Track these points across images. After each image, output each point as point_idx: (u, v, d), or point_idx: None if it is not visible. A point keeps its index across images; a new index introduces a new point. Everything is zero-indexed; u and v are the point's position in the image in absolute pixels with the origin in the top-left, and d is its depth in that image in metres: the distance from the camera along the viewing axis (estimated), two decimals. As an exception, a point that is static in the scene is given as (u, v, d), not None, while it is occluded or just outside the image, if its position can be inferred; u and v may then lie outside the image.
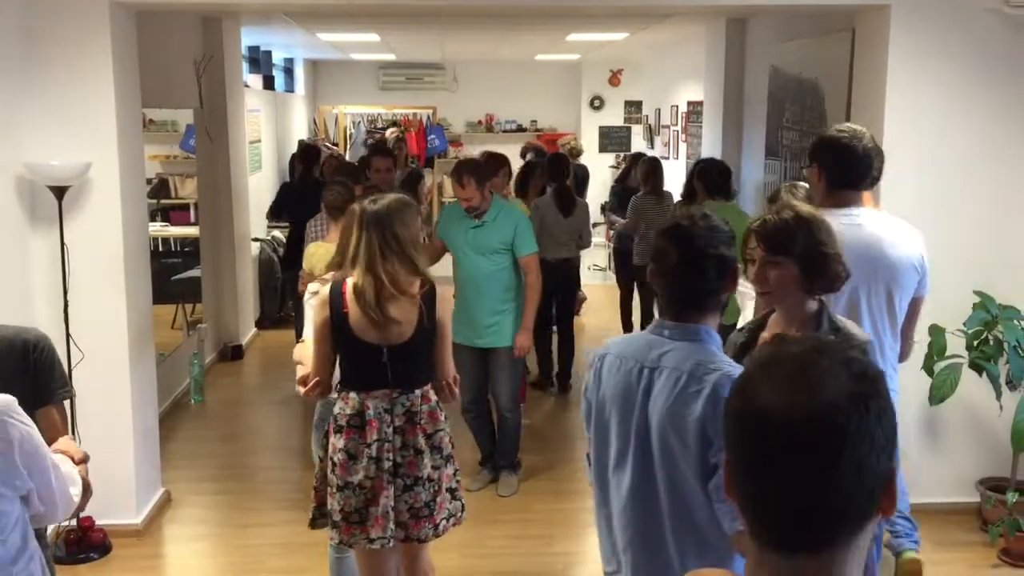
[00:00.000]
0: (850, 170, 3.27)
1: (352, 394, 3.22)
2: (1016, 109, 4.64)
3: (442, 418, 3.31)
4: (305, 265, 4.64)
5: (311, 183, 7.59)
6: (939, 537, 4.56)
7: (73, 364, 4.40)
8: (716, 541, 2.12)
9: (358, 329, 3.15)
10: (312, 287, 3.62)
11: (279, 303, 9.04)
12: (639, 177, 7.66)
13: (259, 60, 10.45)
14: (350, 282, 3.17)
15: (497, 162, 6.42)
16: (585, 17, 7.85)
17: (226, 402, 6.96)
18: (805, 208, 2.51)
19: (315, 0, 5.54)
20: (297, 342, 4.11)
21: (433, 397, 3.30)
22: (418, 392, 3.25)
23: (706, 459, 2.06)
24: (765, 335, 2.47)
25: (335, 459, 3.21)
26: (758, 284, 2.46)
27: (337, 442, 3.22)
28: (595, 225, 10.15)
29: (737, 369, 2.10)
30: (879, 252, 3.22)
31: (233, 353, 7.89)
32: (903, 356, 3.46)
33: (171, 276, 7.82)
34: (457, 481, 3.36)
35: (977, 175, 4.69)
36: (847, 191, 3.27)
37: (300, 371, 3.48)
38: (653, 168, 7.50)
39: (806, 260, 2.40)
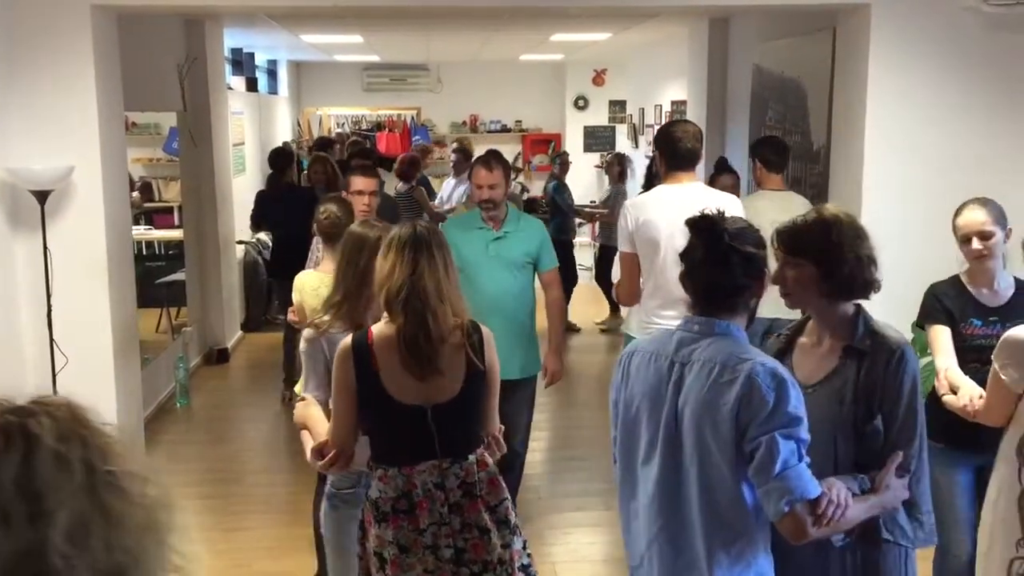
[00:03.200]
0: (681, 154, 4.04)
1: (392, 471, 2.64)
2: (995, 106, 4.69)
3: (503, 485, 2.76)
4: (295, 295, 4.03)
5: (284, 188, 7.58)
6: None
7: (57, 369, 4.39)
8: (743, 529, 2.16)
9: (395, 390, 2.59)
10: (307, 333, 3.08)
11: (264, 306, 9.02)
12: (613, 173, 9.06)
13: (242, 62, 10.42)
14: (377, 330, 2.63)
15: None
16: (568, 17, 7.87)
17: (212, 405, 6.94)
18: (831, 210, 2.45)
19: (297, 2, 5.54)
20: (296, 399, 3.33)
21: (490, 461, 2.74)
22: (472, 458, 2.69)
23: (740, 447, 2.09)
24: (803, 340, 2.44)
25: (385, 555, 2.63)
26: (778, 285, 2.43)
27: (383, 534, 2.63)
28: (580, 224, 10.28)
29: (770, 360, 2.16)
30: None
31: (218, 356, 7.86)
32: None
33: (155, 279, 7.80)
34: (528, 555, 2.82)
35: (958, 171, 4.73)
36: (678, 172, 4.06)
37: (308, 439, 2.92)
38: (620, 161, 9.00)
39: (822, 262, 2.33)
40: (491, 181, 4.23)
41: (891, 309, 4.62)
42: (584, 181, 13.05)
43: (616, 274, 4.30)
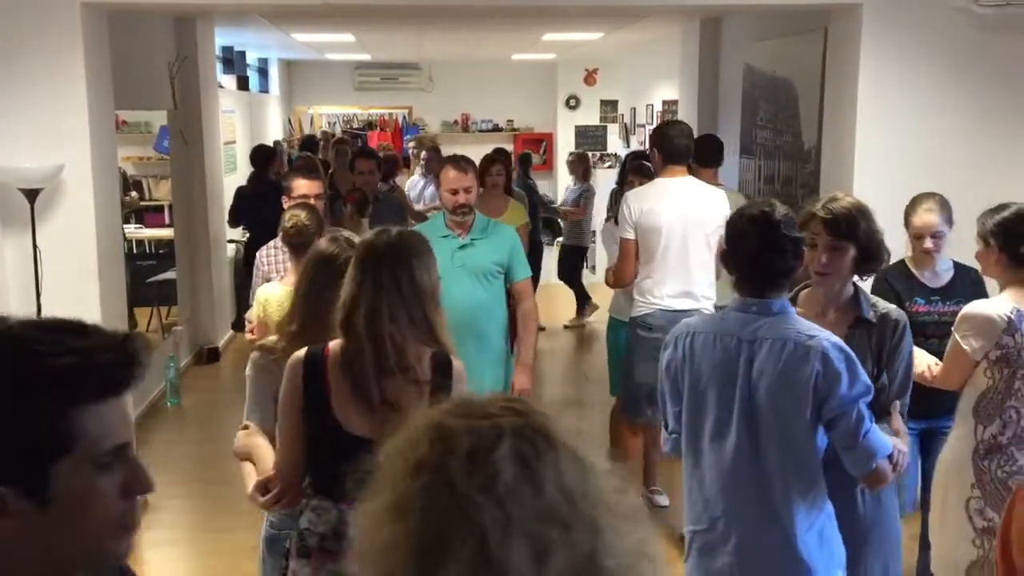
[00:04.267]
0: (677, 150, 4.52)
1: (327, 503, 2.36)
2: (985, 106, 4.71)
3: None
4: (256, 310, 3.67)
5: (265, 186, 7.55)
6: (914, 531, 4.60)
7: (47, 368, 4.37)
8: (814, 480, 2.47)
9: (342, 416, 2.32)
10: (255, 356, 2.75)
11: (255, 305, 8.98)
12: (578, 172, 9.45)
13: (233, 60, 10.40)
14: (334, 346, 2.36)
15: (488, 160, 6.37)
16: (560, 17, 7.87)
17: (202, 405, 6.91)
18: (853, 198, 2.81)
19: (288, 0, 5.53)
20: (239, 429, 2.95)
21: None
22: None
23: (818, 414, 2.39)
24: (798, 310, 2.68)
25: None
26: (819, 267, 2.72)
27: (300, 570, 2.37)
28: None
29: (832, 335, 2.45)
30: (699, 206, 4.42)
31: (209, 355, 7.84)
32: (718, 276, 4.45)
33: (146, 278, 7.77)
34: None
35: (947, 172, 4.74)
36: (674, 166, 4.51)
37: (250, 473, 2.69)
38: (583, 160, 9.57)
39: (865, 245, 2.69)
40: (466, 183, 4.00)
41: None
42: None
43: (600, 262, 4.50)
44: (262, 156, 8.11)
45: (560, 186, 11.47)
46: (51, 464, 0.98)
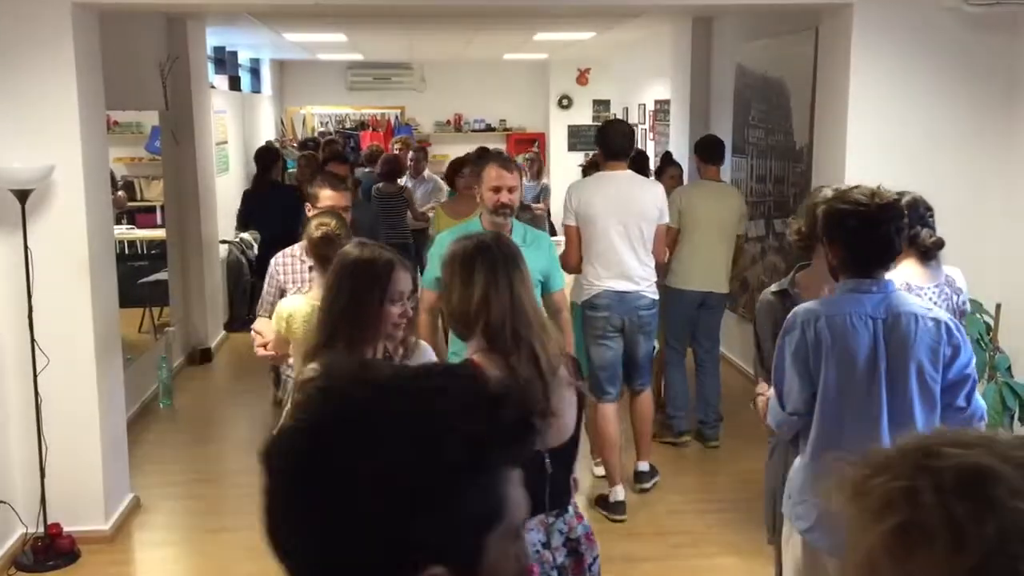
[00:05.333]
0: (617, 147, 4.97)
1: None
2: (974, 105, 4.72)
3: (596, 540, 2.47)
4: (277, 324, 3.50)
5: (267, 187, 7.55)
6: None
7: (38, 369, 4.35)
8: None
9: None
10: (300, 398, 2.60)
11: (248, 305, 8.98)
12: (533, 170, 9.96)
13: (225, 61, 10.37)
14: (480, 359, 2.21)
15: (461, 163, 6.39)
16: (552, 17, 7.87)
17: (195, 405, 6.91)
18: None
19: (279, 0, 5.52)
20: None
21: (584, 513, 2.47)
22: (571, 509, 2.35)
23: (947, 375, 2.65)
24: (797, 291, 3.04)
25: None
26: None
27: None
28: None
29: (945, 312, 2.79)
30: (634, 197, 4.88)
31: (202, 356, 7.83)
32: (657, 264, 5.03)
33: (138, 279, 7.74)
34: None
35: (937, 171, 4.75)
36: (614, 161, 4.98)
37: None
38: (537, 159, 10.32)
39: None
40: (511, 183, 3.78)
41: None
42: (569, 180, 13.03)
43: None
44: (267, 157, 8.11)
45: (554, 185, 11.46)
46: (487, 536, 0.89)
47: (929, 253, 3.33)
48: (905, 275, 3.30)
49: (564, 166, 13.54)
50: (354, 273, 2.44)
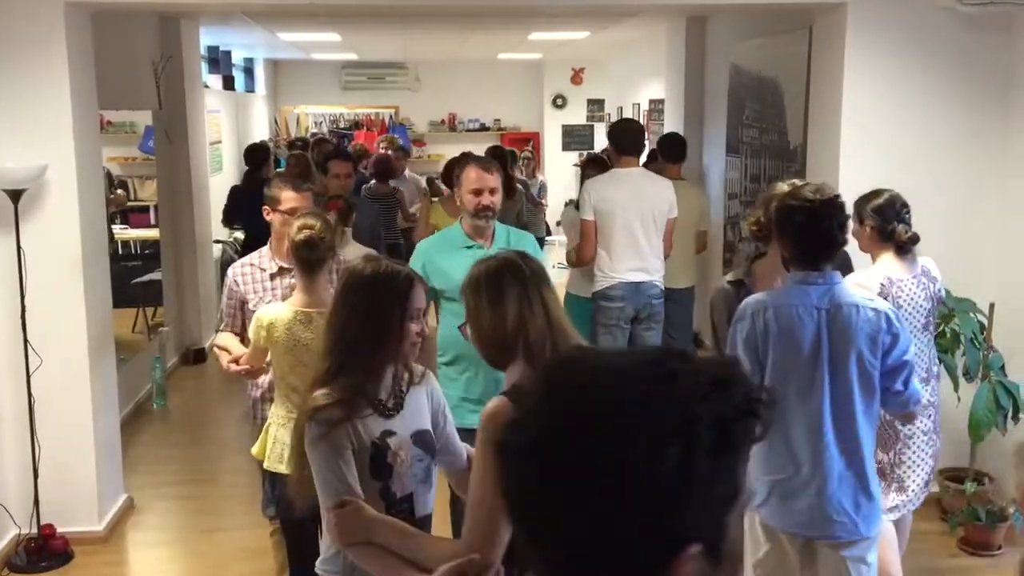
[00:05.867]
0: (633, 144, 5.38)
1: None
2: (969, 104, 4.73)
3: None
4: (253, 334, 3.31)
5: (259, 186, 7.49)
6: (900, 527, 4.63)
7: (31, 369, 4.34)
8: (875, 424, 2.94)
9: None
10: (316, 431, 2.20)
11: (242, 305, 8.94)
12: (528, 170, 9.89)
13: (219, 60, 10.35)
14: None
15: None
16: (546, 16, 7.87)
17: (189, 406, 6.89)
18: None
19: (274, 0, 5.50)
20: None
21: None
22: None
23: (887, 361, 2.82)
24: (751, 281, 3.23)
25: None
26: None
27: None
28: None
29: (885, 302, 2.98)
30: (648, 193, 5.23)
31: (195, 356, 7.81)
32: (666, 255, 5.38)
33: (131, 279, 7.72)
34: None
35: (932, 170, 4.77)
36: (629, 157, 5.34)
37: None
38: (529, 161, 10.25)
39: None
40: (492, 184, 3.60)
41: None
42: (563, 180, 13.06)
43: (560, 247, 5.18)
44: (257, 155, 8.06)
45: (551, 183, 11.46)
46: (730, 514, 0.93)
47: (905, 247, 3.56)
48: (885, 269, 3.54)
49: (558, 166, 13.55)
50: (372, 290, 2.26)
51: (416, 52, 12.53)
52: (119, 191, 7.94)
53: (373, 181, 7.85)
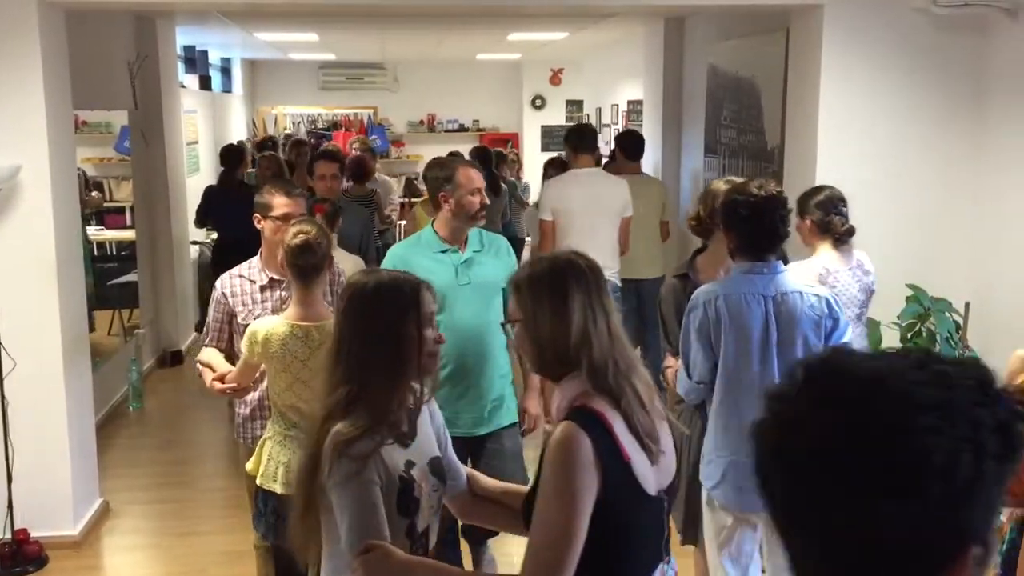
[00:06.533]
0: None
1: None
2: (944, 105, 4.77)
3: None
4: (246, 349, 3.13)
5: (234, 186, 7.44)
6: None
7: (4, 372, 4.29)
8: None
9: (643, 479, 1.92)
10: (351, 467, 1.98)
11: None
12: (513, 170, 10.05)
13: (195, 60, 10.28)
14: (597, 405, 1.90)
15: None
16: (525, 17, 7.87)
17: (165, 409, 6.84)
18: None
19: (251, -1, 5.47)
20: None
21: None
22: (671, 553, 2.10)
23: (828, 343, 3.01)
24: (696, 273, 3.43)
25: None
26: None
27: None
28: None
29: (824, 288, 3.19)
30: (603, 192, 5.53)
31: (172, 359, 7.76)
32: (622, 252, 5.65)
33: (107, 281, 7.66)
34: None
35: (907, 171, 4.80)
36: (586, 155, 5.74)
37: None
38: (513, 162, 10.33)
39: None
40: (481, 184, 3.53)
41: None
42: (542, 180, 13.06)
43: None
44: (233, 156, 7.98)
45: (532, 185, 11.46)
46: (997, 517, 0.97)
47: (842, 239, 3.78)
48: (823, 260, 3.76)
49: (538, 166, 13.51)
50: (381, 302, 2.10)
51: (394, 52, 12.50)
52: (95, 193, 7.87)
53: (350, 183, 7.75)
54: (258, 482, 3.22)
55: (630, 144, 6.45)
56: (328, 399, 2.08)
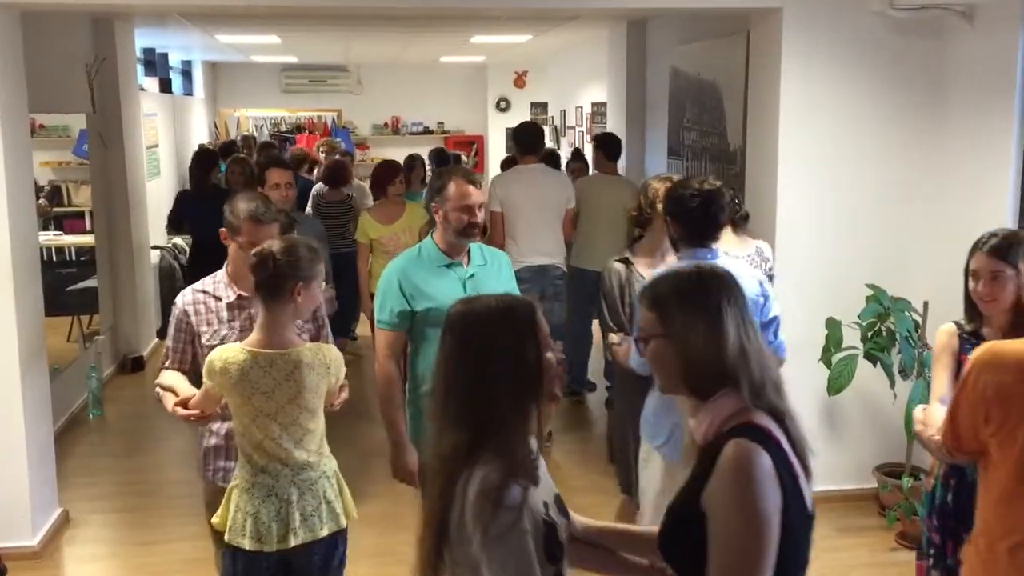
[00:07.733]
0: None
1: None
2: (902, 107, 4.83)
3: None
4: (207, 378, 2.86)
5: (208, 190, 7.35)
6: (839, 523, 4.71)
7: (-41, 381, 4.21)
8: None
9: (807, 497, 1.85)
10: (508, 516, 1.79)
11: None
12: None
13: (155, 62, 10.17)
14: (763, 421, 1.82)
15: (393, 169, 6.33)
16: (488, 20, 7.87)
17: (126, 416, 6.74)
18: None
19: (209, 1, 5.42)
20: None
21: None
22: None
23: (763, 318, 3.31)
24: (639, 259, 3.80)
25: None
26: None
27: None
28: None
29: (756, 271, 3.59)
30: (545, 186, 6.01)
31: (133, 365, 7.66)
32: (567, 240, 6.17)
33: (66, 287, 7.54)
34: None
35: (867, 172, 4.86)
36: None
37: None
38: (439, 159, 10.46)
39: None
40: (478, 199, 3.36)
41: (804, 300, 4.74)
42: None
43: None
44: (206, 160, 7.88)
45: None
46: None
47: (738, 223, 4.18)
48: (724, 244, 3.94)
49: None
50: (496, 328, 1.90)
51: (358, 55, 12.45)
52: (41, 201, 7.72)
53: (324, 187, 7.62)
54: (226, 538, 2.87)
55: (609, 146, 6.76)
56: (441, 447, 1.86)
